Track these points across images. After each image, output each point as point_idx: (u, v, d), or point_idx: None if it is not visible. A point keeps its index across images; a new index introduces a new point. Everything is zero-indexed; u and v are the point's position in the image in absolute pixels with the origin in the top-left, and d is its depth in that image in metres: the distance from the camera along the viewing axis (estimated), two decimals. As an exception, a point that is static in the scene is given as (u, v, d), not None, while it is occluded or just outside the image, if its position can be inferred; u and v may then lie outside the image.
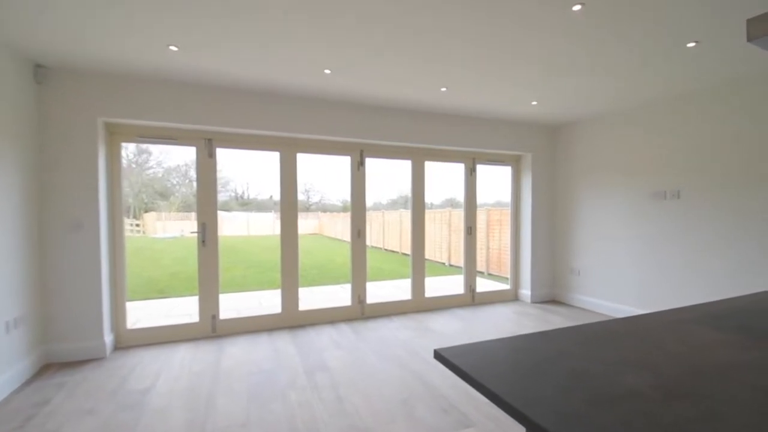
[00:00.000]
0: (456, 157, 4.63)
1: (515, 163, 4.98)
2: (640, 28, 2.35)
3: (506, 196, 5.14)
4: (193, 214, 3.61)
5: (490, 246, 7.53)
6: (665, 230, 3.65)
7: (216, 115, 3.36)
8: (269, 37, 2.47)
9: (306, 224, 16.90)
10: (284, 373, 2.76)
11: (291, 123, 3.63)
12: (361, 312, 4.16)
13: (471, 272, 4.76)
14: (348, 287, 4.24)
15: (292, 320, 3.86)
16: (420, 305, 4.44)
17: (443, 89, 3.49)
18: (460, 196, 4.89)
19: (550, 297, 4.90)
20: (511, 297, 4.96)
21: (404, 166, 4.47)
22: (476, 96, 3.67)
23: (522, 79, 3.21)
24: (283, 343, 3.37)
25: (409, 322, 3.97)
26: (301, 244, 3.95)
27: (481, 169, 4.79)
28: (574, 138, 4.60)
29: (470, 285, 4.73)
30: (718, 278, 3.26)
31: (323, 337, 3.53)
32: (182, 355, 3.13)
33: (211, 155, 3.54)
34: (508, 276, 5.07)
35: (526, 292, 4.84)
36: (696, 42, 2.51)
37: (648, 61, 2.82)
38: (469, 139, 4.40)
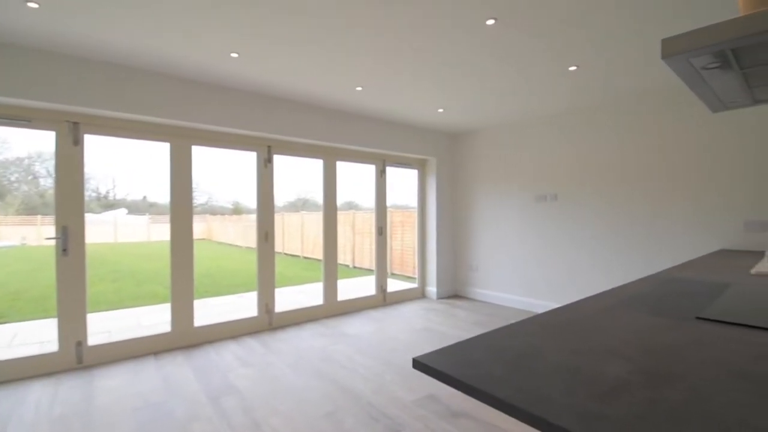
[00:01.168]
0: (367, 158, 4.62)
1: (421, 166, 5.20)
2: (532, 53, 2.64)
3: (405, 199, 5.34)
4: (39, 218, 2.83)
5: (393, 246, 7.76)
6: (546, 228, 4.21)
7: (86, 94, 2.69)
8: (167, 10, 2.06)
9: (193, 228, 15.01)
10: (181, 403, 2.33)
11: (188, 109, 3.13)
12: (268, 322, 3.81)
13: (383, 273, 4.78)
14: (249, 296, 3.86)
15: (186, 339, 3.32)
16: (332, 310, 4.28)
17: (359, 88, 3.42)
18: (360, 198, 4.91)
19: (453, 292, 5.24)
20: (418, 295, 5.15)
21: (304, 166, 4.26)
22: (390, 98, 3.69)
23: (432, 86, 3.33)
24: (176, 367, 2.86)
25: (322, 329, 3.78)
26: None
27: (378, 171, 4.87)
28: (474, 145, 5.01)
29: (382, 285, 4.75)
30: (588, 267, 3.87)
31: (226, 355, 3.11)
32: (38, 396, 2.41)
33: (77, 142, 2.83)
34: (412, 275, 5.26)
35: (432, 289, 5.08)
36: (577, 66, 2.93)
37: (538, 80, 3.19)
38: (381, 141, 4.43)
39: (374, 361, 2.96)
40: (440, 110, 4.11)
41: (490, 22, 2.28)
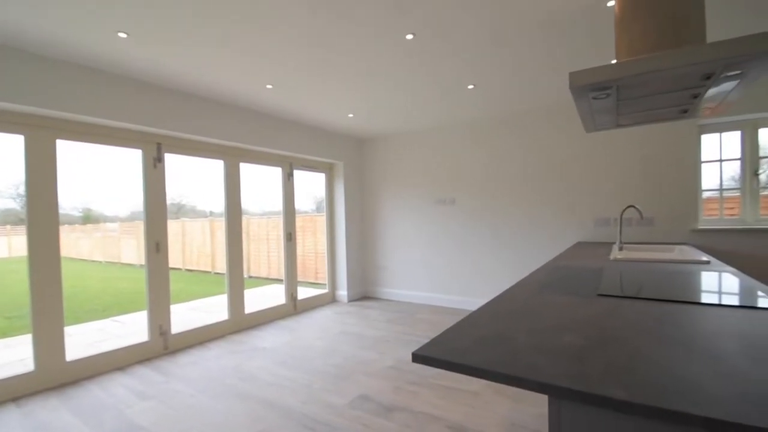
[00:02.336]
0: (274, 160, 4.41)
1: (329, 170, 5.19)
2: (440, 69, 2.93)
3: (306, 204, 5.29)
4: None
5: (271, 252, 7.44)
6: (445, 228, 4.64)
7: None
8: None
9: (21, 242, 11.91)
10: (66, 456, 1.89)
11: (53, 97, 2.55)
12: (164, 346, 3.33)
13: (292, 280, 4.61)
14: (129, 319, 3.33)
15: (57, 377, 2.69)
16: (240, 324, 3.96)
17: (269, 86, 3.27)
18: (252, 203, 4.70)
19: (363, 294, 5.35)
20: (329, 299, 5.11)
21: (193, 167, 3.88)
22: (302, 99, 3.62)
23: (345, 91, 3.39)
24: (50, 412, 2.30)
25: (232, 346, 3.47)
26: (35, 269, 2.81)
27: (275, 173, 4.74)
28: (381, 150, 5.22)
29: (292, 293, 4.58)
30: (486, 263, 4.40)
31: (116, 389, 2.62)
32: None
33: None
34: (314, 280, 5.21)
35: (343, 292, 5.10)
36: (474, 85, 3.34)
37: (443, 94, 3.52)
38: (289, 143, 4.29)
39: (297, 371, 2.86)
40: (350, 115, 4.18)
41: (409, 36, 2.45)
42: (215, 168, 3.90)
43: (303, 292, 4.89)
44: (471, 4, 2.10)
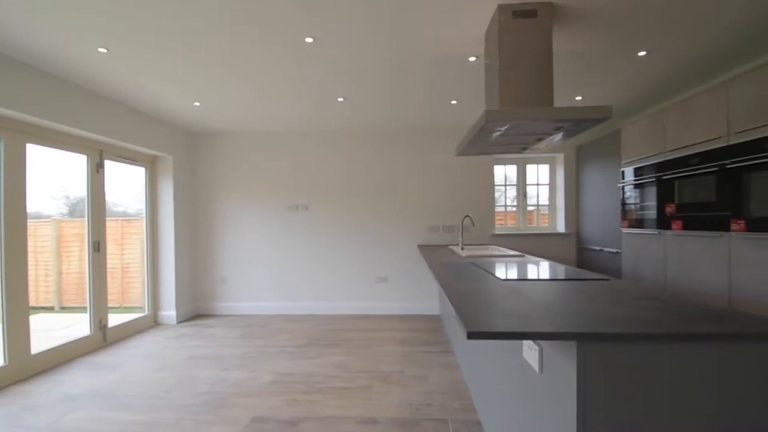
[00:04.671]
0: (75, 143, 3.32)
1: (151, 164, 4.27)
2: (311, 78, 3.02)
3: (128, 204, 4.26)
4: None
5: (63, 269, 5.37)
6: (298, 235, 4.61)
7: None
8: None
9: None
10: None
11: None
12: None
13: (101, 304, 3.53)
14: None
15: None
16: (24, 370, 2.75)
17: (102, 50, 2.53)
18: (42, 204, 3.51)
19: (196, 312, 4.61)
20: (149, 324, 4.15)
21: None
22: (138, 71, 2.93)
23: (194, 75, 2.99)
24: None
25: (22, 399, 2.39)
26: None
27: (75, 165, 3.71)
28: (225, 147, 4.67)
29: (101, 320, 3.50)
30: (340, 267, 4.58)
31: None
32: None
33: None
34: (123, 303, 4.20)
35: (168, 313, 4.24)
36: (344, 98, 3.54)
37: (306, 100, 3.57)
38: (98, 123, 3.31)
39: (152, 412, 2.28)
40: (196, 104, 3.63)
41: (309, 39, 2.45)
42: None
43: (112, 319, 3.79)
44: (358, 18, 2.31)
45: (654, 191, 3.10)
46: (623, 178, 3.51)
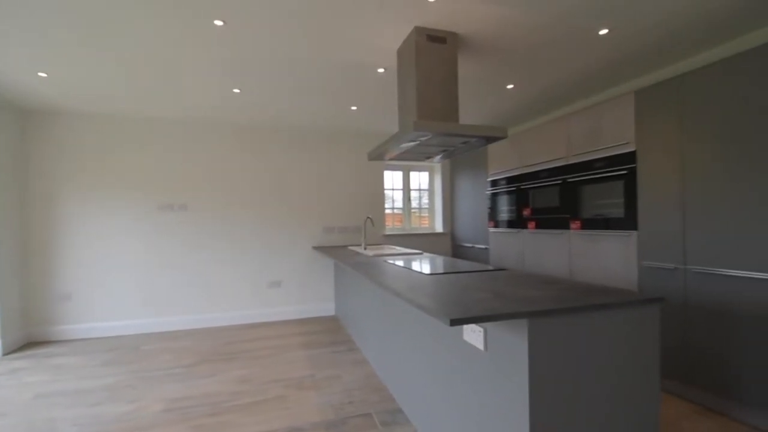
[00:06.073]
0: None
1: (-51, 147, 3.12)
2: (197, 66, 2.79)
3: None
4: None
5: None
6: (173, 238, 4.02)
7: None
8: None
9: None
10: None
11: None
12: None
13: None
14: None
15: None
16: None
17: None
18: None
19: (29, 339, 3.56)
20: (-52, 365, 3.01)
21: None
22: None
23: (44, 36, 2.41)
24: None
25: None
26: None
27: None
28: (73, 131, 3.71)
29: None
30: (225, 275, 4.16)
31: None
32: None
33: None
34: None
35: (-19, 347, 3.16)
36: (239, 90, 3.30)
37: (189, 81, 3.21)
38: None
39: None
40: (42, 74, 2.85)
41: (218, 23, 2.24)
42: None
43: None
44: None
45: (514, 198, 3.83)
46: (490, 187, 4.22)
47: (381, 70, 2.90)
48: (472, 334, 1.50)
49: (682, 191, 2.33)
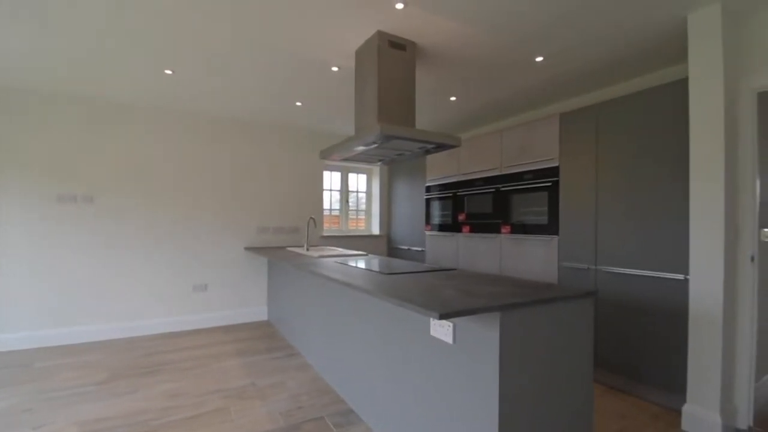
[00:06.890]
0: None
1: None
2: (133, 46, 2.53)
3: None
4: None
5: None
6: (77, 235, 3.45)
7: None
8: None
9: None
10: None
11: None
12: None
13: None
14: None
15: None
16: None
17: None
18: None
19: None
20: None
21: None
22: None
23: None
24: None
25: None
26: None
27: None
28: None
29: None
30: (141, 277, 3.67)
31: None
32: None
33: None
34: None
35: None
36: (172, 71, 3.00)
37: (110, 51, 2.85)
38: None
39: None
40: None
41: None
42: None
43: None
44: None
45: (450, 203, 4.09)
46: (427, 192, 4.43)
47: (335, 69, 2.88)
48: (440, 329, 1.57)
49: (595, 203, 2.74)
